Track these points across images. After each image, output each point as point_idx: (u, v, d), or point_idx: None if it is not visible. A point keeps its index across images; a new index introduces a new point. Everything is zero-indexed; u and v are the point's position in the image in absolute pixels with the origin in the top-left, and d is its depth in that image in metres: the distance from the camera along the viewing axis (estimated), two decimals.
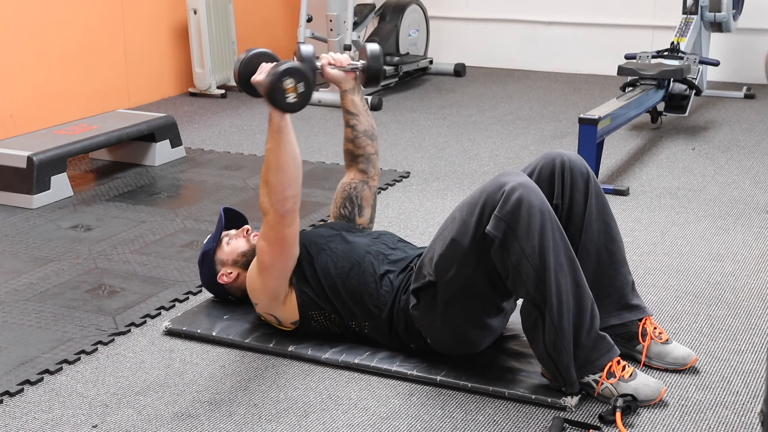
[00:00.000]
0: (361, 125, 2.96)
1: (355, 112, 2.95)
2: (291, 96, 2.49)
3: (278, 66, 2.51)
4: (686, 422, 2.36)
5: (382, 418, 2.40)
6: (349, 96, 2.95)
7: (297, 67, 2.51)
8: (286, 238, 2.62)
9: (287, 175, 2.56)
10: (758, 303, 3.04)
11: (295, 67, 2.51)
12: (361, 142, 2.96)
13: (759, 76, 6.24)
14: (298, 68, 2.51)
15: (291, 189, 2.57)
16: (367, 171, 2.98)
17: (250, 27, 6.80)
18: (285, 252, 2.64)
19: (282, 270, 2.66)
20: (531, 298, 2.38)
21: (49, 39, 5.20)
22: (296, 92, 2.49)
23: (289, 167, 2.56)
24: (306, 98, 2.52)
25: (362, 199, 2.97)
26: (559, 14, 6.79)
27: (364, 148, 2.97)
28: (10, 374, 2.63)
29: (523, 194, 2.34)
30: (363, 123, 2.97)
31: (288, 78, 2.49)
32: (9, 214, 3.98)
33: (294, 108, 2.52)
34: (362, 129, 2.97)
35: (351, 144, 2.97)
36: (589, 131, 4.05)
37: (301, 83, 2.49)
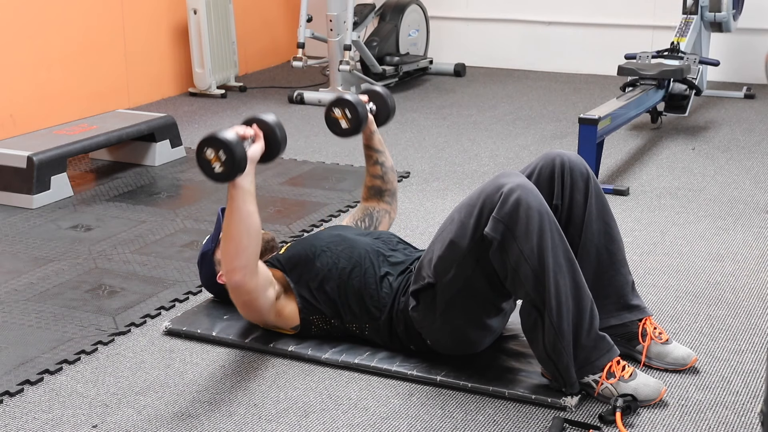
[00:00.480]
0: (388, 161, 3.13)
1: (382, 149, 3.12)
2: (216, 166, 2.40)
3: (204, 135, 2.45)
4: (686, 422, 2.36)
5: (382, 418, 2.40)
6: (376, 135, 3.08)
7: (213, 136, 2.40)
8: (246, 302, 2.62)
9: (236, 245, 2.50)
10: (758, 303, 3.04)
11: (211, 136, 2.40)
12: (389, 178, 3.13)
13: (759, 76, 6.24)
14: (214, 137, 2.40)
15: (239, 260, 2.51)
16: (391, 204, 3.15)
17: (250, 27, 6.80)
18: (251, 308, 2.65)
19: (257, 315, 2.67)
20: (530, 299, 2.38)
21: (49, 39, 5.20)
22: (219, 161, 2.39)
23: (239, 237, 2.49)
24: (233, 164, 2.39)
25: (380, 224, 3.08)
26: (559, 14, 6.79)
27: (392, 183, 3.14)
28: (10, 374, 2.63)
29: (521, 195, 2.34)
30: (389, 159, 3.14)
31: (206, 149, 2.41)
32: (9, 214, 3.98)
33: (224, 177, 2.42)
34: (389, 165, 3.14)
35: (380, 180, 3.11)
36: (589, 131, 4.05)
37: (220, 151, 2.38)
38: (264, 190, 4.23)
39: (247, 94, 6.27)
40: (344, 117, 2.91)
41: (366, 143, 3.11)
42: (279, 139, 2.58)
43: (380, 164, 3.11)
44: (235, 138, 2.42)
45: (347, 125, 2.93)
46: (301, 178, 4.39)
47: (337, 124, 2.92)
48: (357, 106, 2.91)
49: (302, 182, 4.33)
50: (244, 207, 2.47)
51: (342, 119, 2.91)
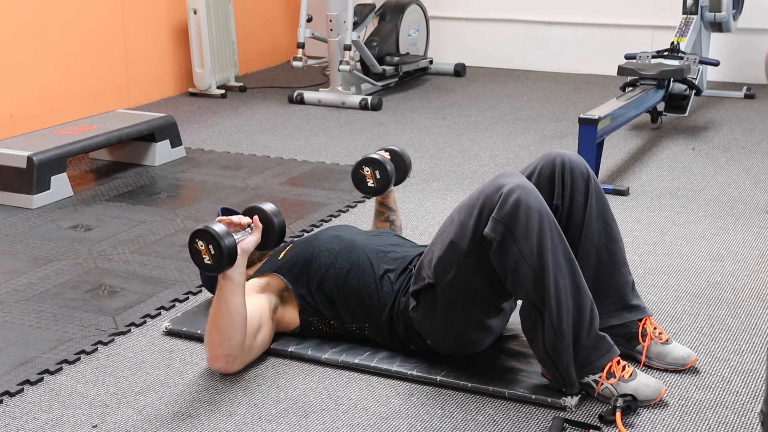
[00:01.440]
0: (398, 220, 3.19)
1: (395, 208, 3.17)
2: (206, 258, 2.45)
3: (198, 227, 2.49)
4: (686, 422, 2.36)
5: (382, 418, 2.40)
6: (392, 195, 3.14)
7: (205, 230, 2.44)
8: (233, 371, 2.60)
9: (220, 335, 2.51)
10: (758, 303, 3.04)
11: (204, 229, 2.44)
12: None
13: (759, 76, 6.24)
14: (205, 231, 2.44)
15: (222, 349, 2.52)
16: None
17: (250, 27, 6.80)
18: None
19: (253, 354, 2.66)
20: (530, 300, 2.38)
21: (49, 39, 5.20)
22: (209, 254, 2.44)
23: (223, 328, 2.49)
24: (222, 258, 2.42)
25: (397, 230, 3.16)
26: (559, 14, 6.79)
27: None
28: (10, 374, 2.63)
29: (521, 196, 2.33)
30: (399, 218, 3.20)
31: (197, 240, 2.45)
32: (9, 214, 3.98)
33: (214, 269, 2.45)
34: (398, 225, 3.19)
35: None
36: (589, 131, 4.05)
37: (210, 245, 2.43)
38: (264, 190, 4.23)
39: (247, 94, 6.27)
40: (372, 177, 3.01)
41: (381, 200, 3.14)
42: (277, 230, 2.63)
43: (390, 222, 3.15)
44: (224, 232, 2.45)
45: (374, 185, 3.02)
46: (301, 178, 4.39)
47: (363, 181, 3.02)
48: (387, 168, 3.00)
49: (302, 182, 4.33)
50: (232, 299, 2.47)
51: (370, 178, 3.01)
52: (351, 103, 5.83)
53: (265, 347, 2.66)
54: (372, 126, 5.39)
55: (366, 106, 5.75)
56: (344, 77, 5.94)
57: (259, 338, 2.61)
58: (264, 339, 2.63)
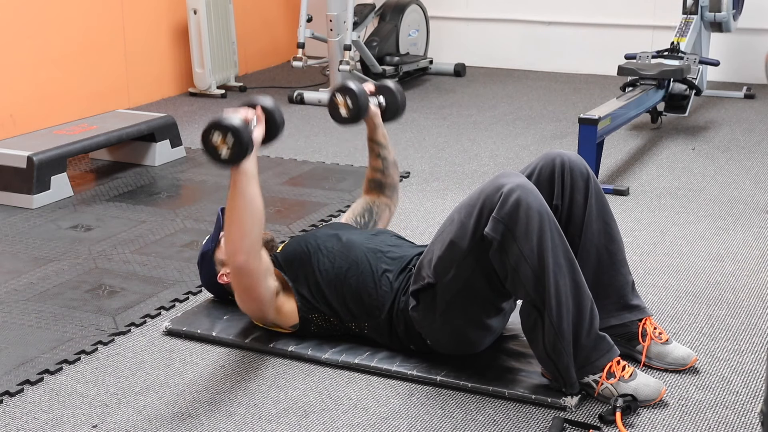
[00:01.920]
0: (390, 156, 3.11)
1: (385, 144, 3.09)
2: (223, 151, 2.41)
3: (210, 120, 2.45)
4: (686, 422, 2.36)
5: (382, 418, 2.40)
6: (380, 129, 3.06)
7: (220, 122, 2.42)
8: (247, 286, 2.61)
9: (239, 227, 2.52)
10: (758, 303, 3.04)
11: (218, 120, 2.43)
12: (390, 172, 3.11)
13: (759, 76, 6.24)
14: (221, 122, 2.42)
15: (243, 242, 2.53)
16: (391, 198, 3.13)
17: (250, 27, 6.80)
18: (252, 295, 2.64)
19: (257, 305, 2.67)
20: (530, 300, 2.38)
21: (49, 39, 5.20)
22: (226, 146, 2.40)
23: (242, 221, 2.51)
24: (241, 148, 2.41)
25: (380, 219, 3.08)
26: (559, 14, 6.79)
27: (393, 177, 3.12)
28: (10, 374, 2.63)
29: (521, 196, 2.33)
30: (391, 153, 3.12)
31: (213, 132, 2.42)
32: (9, 214, 3.98)
33: (231, 162, 2.43)
34: (391, 159, 3.12)
35: (380, 174, 3.10)
36: (589, 131, 4.05)
37: (228, 135, 2.40)
38: (264, 190, 4.19)
39: (247, 94, 6.26)
40: (345, 105, 2.90)
41: (369, 136, 3.10)
42: (278, 122, 2.60)
43: (382, 158, 3.10)
44: (241, 122, 2.44)
45: (347, 113, 2.91)
46: (301, 178, 4.39)
47: (337, 110, 2.92)
48: (359, 96, 2.89)
49: (302, 182, 4.33)
50: (248, 190, 2.50)
51: (343, 107, 2.90)
52: None
53: (271, 293, 2.64)
54: None
55: None
56: (344, 77, 5.93)
57: (270, 280, 2.63)
58: (272, 285, 2.63)
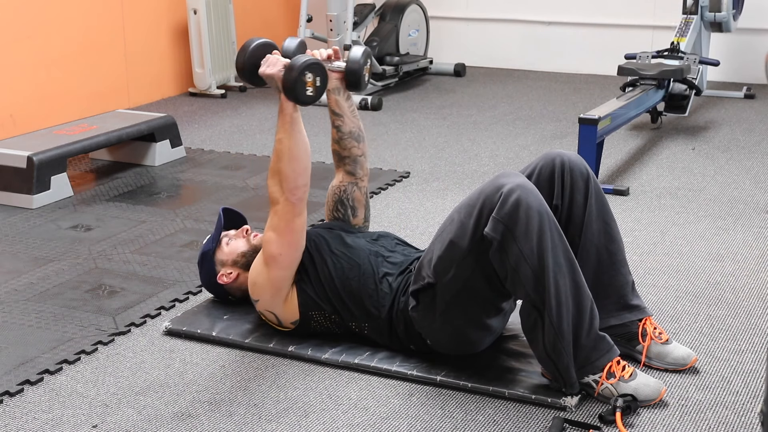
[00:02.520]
0: (346, 126, 2.91)
1: (340, 113, 2.91)
2: (310, 90, 2.59)
3: (298, 61, 2.58)
4: (686, 422, 2.36)
5: (382, 418, 2.40)
6: (333, 96, 2.89)
7: (316, 62, 2.60)
8: (296, 227, 2.64)
9: (299, 164, 2.61)
10: (758, 303, 3.04)
11: (314, 61, 2.60)
12: (346, 144, 2.92)
13: (759, 76, 6.24)
14: (317, 63, 2.60)
15: (302, 178, 2.62)
16: (354, 173, 2.93)
17: (250, 27, 6.80)
18: (294, 241, 2.65)
19: (290, 260, 2.66)
20: (530, 300, 2.37)
21: (49, 39, 5.20)
22: (314, 86, 2.59)
23: (301, 157, 2.61)
24: (321, 92, 2.62)
25: (354, 200, 2.93)
26: (559, 14, 6.79)
27: (350, 150, 2.93)
28: (10, 374, 2.63)
29: (521, 196, 2.33)
30: (348, 124, 2.91)
31: (308, 73, 2.58)
32: (9, 214, 3.98)
33: (310, 101, 2.61)
34: (347, 130, 2.92)
35: (337, 145, 2.95)
36: (589, 131, 4.05)
37: (318, 77, 2.59)
38: (264, 190, 4.23)
39: (247, 94, 6.26)
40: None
41: (328, 104, 2.93)
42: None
43: (336, 128, 2.93)
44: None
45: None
46: None
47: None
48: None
49: None
50: (302, 128, 2.62)
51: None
52: None
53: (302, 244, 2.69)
54: (372, 126, 5.38)
55: (366, 106, 5.75)
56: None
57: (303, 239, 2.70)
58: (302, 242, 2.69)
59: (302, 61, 2.58)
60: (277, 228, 2.63)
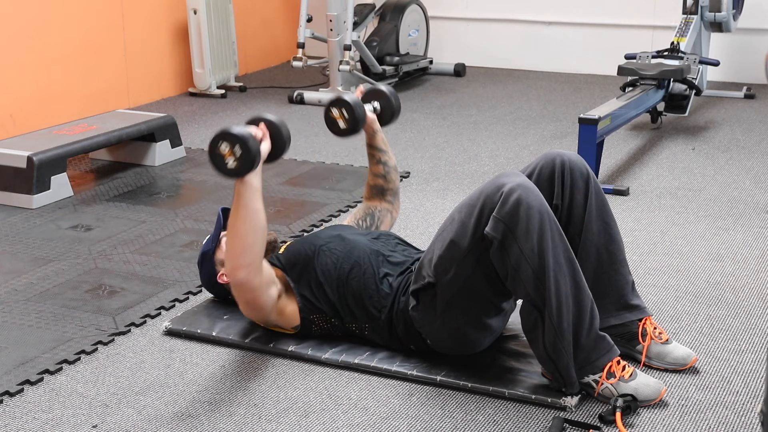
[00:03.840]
0: (391, 161, 3.12)
1: (385, 149, 3.10)
2: (230, 161, 2.42)
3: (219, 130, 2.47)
4: (686, 422, 2.36)
5: (382, 418, 2.40)
6: (379, 134, 3.07)
7: (229, 131, 2.43)
8: (249, 300, 2.61)
9: (242, 242, 2.51)
10: (758, 303, 3.04)
11: (227, 131, 2.44)
12: (392, 177, 3.11)
13: (759, 76, 6.24)
14: (229, 132, 2.43)
15: (244, 257, 2.51)
16: (393, 203, 3.13)
17: (250, 27, 6.80)
18: (253, 306, 2.64)
19: (259, 312, 2.66)
20: (530, 299, 2.38)
21: (49, 39, 5.20)
22: (234, 156, 2.41)
23: (245, 234, 2.50)
24: (248, 159, 2.42)
25: (381, 224, 3.07)
26: (559, 14, 6.78)
27: (394, 182, 3.12)
28: (10, 374, 2.63)
29: (521, 195, 2.33)
30: (392, 158, 3.13)
31: (221, 143, 2.43)
32: (9, 214, 3.98)
33: (237, 173, 2.44)
34: (392, 164, 3.12)
35: (382, 179, 3.10)
36: (589, 131, 4.05)
37: (236, 146, 2.41)
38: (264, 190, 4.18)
39: (247, 94, 6.27)
40: (342, 117, 2.90)
41: (369, 142, 3.09)
42: (284, 138, 2.61)
43: (383, 163, 3.10)
44: (249, 134, 2.45)
45: (345, 125, 2.92)
46: (301, 178, 4.39)
47: (335, 123, 2.93)
48: (354, 107, 2.91)
49: (302, 182, 4.33)
50: (252, 204, 2.49)
51: (340, 119, 2.91)
52: None
53: (273, 301, 2.64)
54: None
55: None
56: (344, 77, 5.94)
57: (272, 289, 2.62)
58: (274, 294, 2.63)
59: (216, 132, 2.45)
60: (235, 295, 2.64)
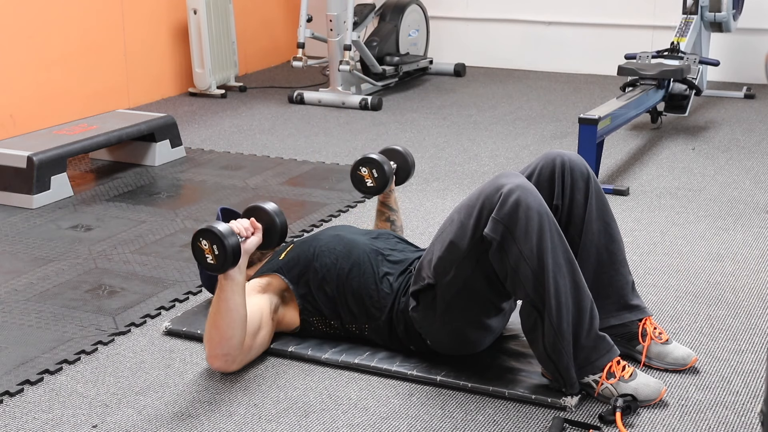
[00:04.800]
0: (399, 221, 3.19)
1: (396, 209, 3.18)
2: (209, 257, 2.45)
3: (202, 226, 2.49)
4: (686, 422, 2.36)
5: (382, 418, 2.40)
6: (393, 195, 3.15)
7: (209, 230, 2.45)
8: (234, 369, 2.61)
9: (219, 333, 2.51)
10: (758, 303, 3.04)
11: (208, 229, 2.45)
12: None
13: (759, 76, 6.24)
14: (209, 230, 2.45)
15: (221, 348, 2.52)
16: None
17: (250, 27, 6.80)
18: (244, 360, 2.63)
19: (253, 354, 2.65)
20: (530, 300, 2.38)
21: (49, 39, 5.20)
22: (212, 253, 2.44)
23: (223, 327, 2.49)
24: (225, 258, 2.43)
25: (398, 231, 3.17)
26: (559, 14, 6.79)
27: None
28: (10, 374, 2.63)
29: (520, 196, 2.33)
30: (400, 218, 3.21)
31: (201, 239, 2.45)
32: (9, 214, 3.98)
33: (217, 269, 2.45)
34: (399, 225, 3.19)
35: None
36: (589, 131, 4.05)
37: (214, 245, 2.43)
38: (264, 190, 4.23)
39: (247, 94, 6.27)
40: (371, 176, 3.01)
41: (382, 200, 3.15)
42: (278, 228, 2.65)
43: (391, 222, 3.15)
44: (229, 232, 2.46)
45: (373, 184, 3.03)
46: (301, 178, 4.39)
47: (362, 182, 3.03)
48: (384, 167, 3.00)
49: (302, 182, 4.33)
50: (232, 298, 2.47)
51: (368, 178, 3.02)
52: (351, 103, 5.83)
53: (264, 347, 2.66)
54: (372, 126, 5.39)
55: (366, 106, 5.75)
56: (344, 77, 5.94)
57: (259, 338, 2.61)
58: (263, 339, 2.64)
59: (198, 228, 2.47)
60: None
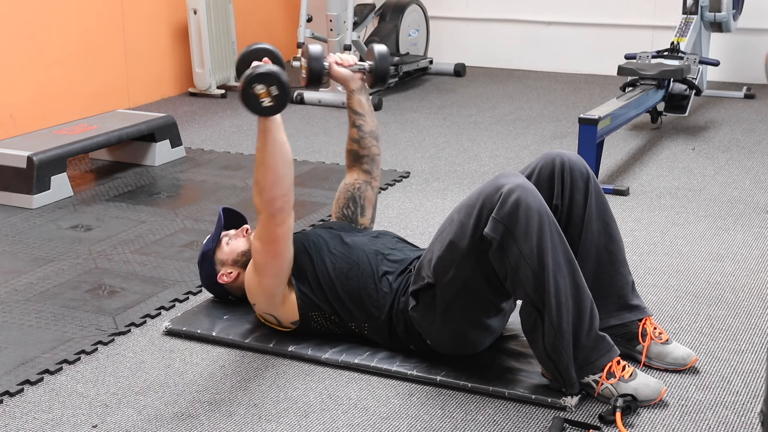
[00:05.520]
0: (368, 126, 2.98)
1: (362, 112, 2.98)
2: (266, 101, 2.46)
3: (249, 71, 2.48)
4: (686, 422, 2.36)
5: (382, 418, 2.40)
6: (356, 96, 2.96)
7: (266, 72, 2.45)
8: (278, 236, 2.61)
9: (274, 174, 2.54)
10: (758, 303, 3.04)
11: (264, 71, 2.45)
12: (366, 143, 2.98)
13: (759, 76, 6.24)
14: (267, 73, 2.45)
15: (279, 188, 2.55)
16: (371, 171, 2.99)
17: (250, 27, 6.80)
18: (278, 250, 2.63)
19: (277, 269, 2.65)
20: (530, 300, 2.37)
21: (49, 39, 5.20)
22: (270, 96, 2.45)
23: (276, 167, 2.53)
24: (282, 100, 2.47)
25: (365, 200, 2.97)
26: (559, 14, 6.79)
27: (370, 148, 2.99)
28: (10, 374, 2.63)
29: (520, 196, 2.33)
30: (369, 123, 2.99)
31: (257, 84, 2.45)
32: (9, 214, 3.98)
33: (272, 111, 2.48)
34: (368, 129, 2.98)
35: (356, 144, 2.99)
36: (589, 131, 4.05)
37: (273, 87, 2.45)
38: None
39: None
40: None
41: (348, 104, 3.01)
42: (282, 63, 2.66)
43: (357, 127, 2.99)
44: (282, 71, 2.49)
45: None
46: (301, 178, 4.38)
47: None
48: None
49: (302, 182, 4.33)
50: (279, 137, 2.52)
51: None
52: None
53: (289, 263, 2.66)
54: None
55: None
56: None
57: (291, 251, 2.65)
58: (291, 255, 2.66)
59: (247, 73, 2.47)
60: (261, 237, 2.63)
